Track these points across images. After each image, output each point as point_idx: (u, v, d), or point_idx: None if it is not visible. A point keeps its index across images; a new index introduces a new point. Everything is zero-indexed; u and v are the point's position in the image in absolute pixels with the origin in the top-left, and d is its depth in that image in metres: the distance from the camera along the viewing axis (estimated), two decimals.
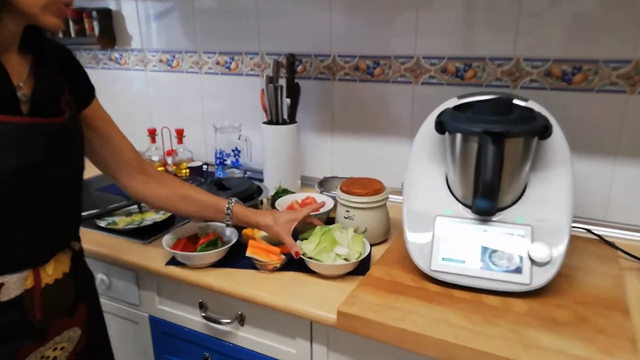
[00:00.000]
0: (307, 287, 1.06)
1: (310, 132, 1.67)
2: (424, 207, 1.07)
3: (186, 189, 1.13)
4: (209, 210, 1.13)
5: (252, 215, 1.13)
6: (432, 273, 1.01)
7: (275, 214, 1.13)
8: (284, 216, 1.13)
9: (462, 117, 1.01)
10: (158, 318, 1.28)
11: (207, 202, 1.13)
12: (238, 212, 1.12)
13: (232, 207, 1.12)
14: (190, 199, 1.12)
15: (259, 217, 1.12)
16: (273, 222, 1.11)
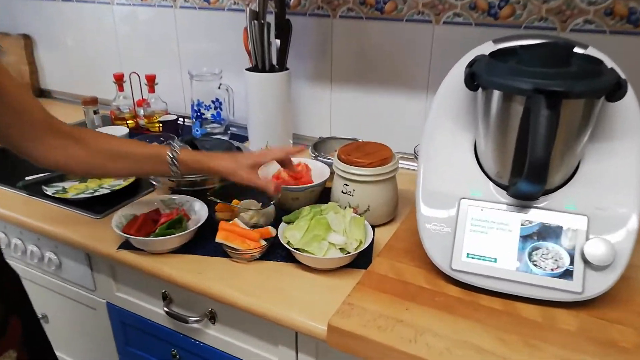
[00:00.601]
0: (292, 283, 0.84)
1: (304, 82, 1.39)
2: (444, 186, 0.83)
3: (116, 144, 0.88)
4: (148, 162, 0.89)
5: (205, 160, 0.90)
6: (452, 273, 0.78)
7: (236, 156, 0.93)
8: (246, 159, 0.92)
9: (502, 68, 0.75)
10: (117, 306, 1.07)
11: (144, 154, 0.88)
12: (187, 158, 0.89)
13: (178, 154, 0.88)
14: (122, 155, 0.87)
15: (216, 160, 0.90)
16: (235, 166, 0.90)
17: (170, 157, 0.87)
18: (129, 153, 0.87)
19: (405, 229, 0.95)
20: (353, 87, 1.32)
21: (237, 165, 0.90)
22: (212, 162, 0.90)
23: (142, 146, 0.89)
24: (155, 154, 0.88)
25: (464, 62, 0.86)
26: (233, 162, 0.90)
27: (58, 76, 1.93)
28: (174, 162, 0.87)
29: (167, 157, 0.87)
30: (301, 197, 1.05)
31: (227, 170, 0.89)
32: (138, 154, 0.88)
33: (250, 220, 0.97)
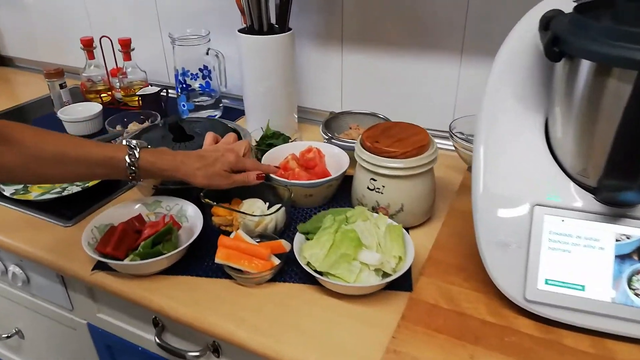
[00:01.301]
0: (315, 314, 0.66)
1: (310, 45, 1.16)
2: (512, 187, 0.63)
3: (53, 143, 0.69)
4: (101, 167, 0.72)
5: (173, 167, 0.74)
6: (527, 305, 0.60)
7: (207, 159, 0.77)
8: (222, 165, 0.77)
9: (598, 30, 0.54)
10: (99, 328, 0.89)
11: (95, 158, 0.70)
12: (149, 165, 0.73)
13: (138, 158, 0.72)
14: (68, 159, 0.69)
15: (185, 168, 0.75)
16: (209, 175, 0.75)
17: (128, 163, 0.71)
18: (77, 156, 0.69)
19: (449, 234, 0.77)
20: (369, 49, 1.10)
21: (210, 174, 0.75)
22: (179, 170, 0.74)
23: (94, 147, 0.71)
24: (109, 158, 0.71)
25: (531, 19, 0.65)
26: (204, 171, 0.75)
27: (19, 41, 1.67)
28: (133, 169, 0.71)
29: (125, 162, 0.71)
30: (315, 194, 0.86)
31: (196, 179, 0.75)
32: (88, 158, 0.70)
33: (256, 228, 0.78)
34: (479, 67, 1.00)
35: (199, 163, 0.75)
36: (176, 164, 0.74)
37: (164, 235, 0.75)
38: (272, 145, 1.00)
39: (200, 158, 0.76)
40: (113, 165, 0.71)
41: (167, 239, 0.76)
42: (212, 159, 0.76)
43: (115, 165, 0.71)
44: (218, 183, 0.76)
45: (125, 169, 0.71)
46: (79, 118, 1.17)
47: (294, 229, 0.82)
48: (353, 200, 0.85)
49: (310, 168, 0.91)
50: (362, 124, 1.07)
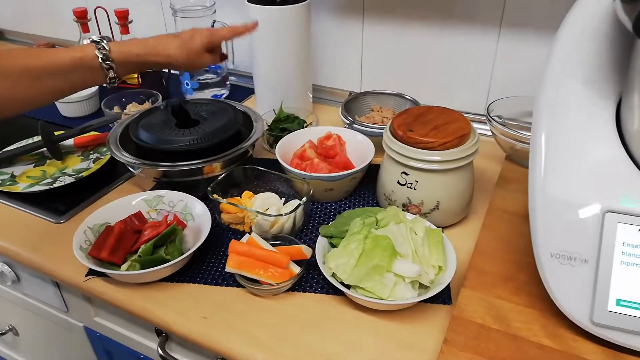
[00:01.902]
0: (341, 333, 0.57)
1: (328, 17, 1.04)
2: (577, 190, 0.53)
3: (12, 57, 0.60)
4: (75, 72, 0.64)
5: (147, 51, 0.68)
6: (594, 329, 0.51)
7: (181, 37, 0.71)
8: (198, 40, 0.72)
9: None
10: (97, 332, 0.81)
11: (61, 63, 0.62)
12: (122, 55, 0.66)
13: (109, 50, 0.65)
14: (30, 71, 0.60)
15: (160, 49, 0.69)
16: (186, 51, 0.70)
17: (101, 58, 0.64)
18: (43, 66, 0.61)
19: (491, 238, 0.67)
20: (393, 21, 0.98)
21: (189, 50, 0.70)
22: (157, 52, 0.69)
23: (59, 52, 0.63)
24: (78, 59, 0.63)
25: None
26: (183, 48, 0.70)
27: (9, 12, 1.55)
28: (107, 63, 0.64)
29: (97, 58, 0.64)
30: (337, 187, 0.76)
31: (177, 59, 0.70)
32: (56, 65, 0.62)
33: (271, 229, 0.69)
34: (521, 42, 0.88)
35: (176, 41, 0.70)
36: (151, 46, 0.68)
37: (167, 237, 0.66)
38: (286, 130, 0.90)
39: (175, 36, 0.71)
40: (86, 66, 0.63)
41: (170, 240, 0.67)
42: (188, 35, 0.71)
43: (88, 65, 0.63)
44: (199, 62, 0.72)
45: (100, 66, 0.64)
46: (73, 98, 1.06)
47: (312, 228, 0.73)
48: (379, 196, 0.76)
49: (330, 157, 0.81)
50: (386, 105, 0.96)
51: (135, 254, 0.66)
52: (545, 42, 0.86)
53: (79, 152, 0.93)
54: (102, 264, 0.64)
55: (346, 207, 0.78)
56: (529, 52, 0.88)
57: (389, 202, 0.72)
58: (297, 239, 0.70)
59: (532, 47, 0.87)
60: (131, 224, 0.69)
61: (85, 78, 0.65)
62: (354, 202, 0.79)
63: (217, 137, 0.78)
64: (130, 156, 0.76)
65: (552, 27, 0.84)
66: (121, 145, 0.79)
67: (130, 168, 0.79)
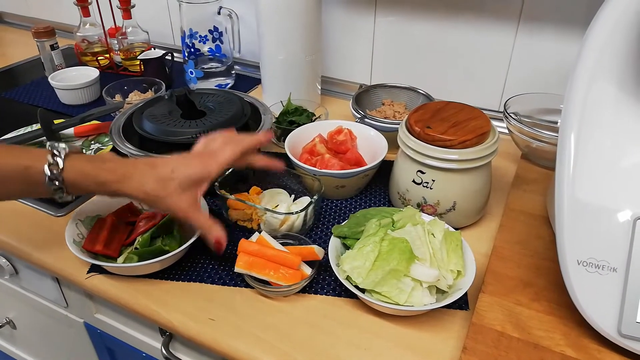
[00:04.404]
0: (353, 340, 0.55)
1: (338, 5, 1.01)
2: (606, 194, 0.51)
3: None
4: (11, 182, 0.51)
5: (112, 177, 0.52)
6: (622, 341, 0.49)
7: (168, 164, 0.55)
8: (184, 173, 0.54)
9: None
10: (98, 329, 0.79)
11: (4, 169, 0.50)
12: (77, 176, 0.52)
13: (61, 168, 0.51)
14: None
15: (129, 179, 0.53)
16: (163, 188, 0.53)
17: (48, 176, 0.50)
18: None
19: (509, 240, 0.65)
20: (406, 11, 0.94)
21: (167, 186, 0.53)
22: (124, 181, 0.53)
23: (5, 155, 0.51)
24: (23, 169, 0.51)
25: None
26: (160, 182, 0.53)
27: None
28: (56, 183, 0.51)
29: (43, 174, 0.50)
30: (348, 185, 0.73)
31: (145, 194, 0.53)
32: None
33: (280, 227, 0.66)
34: (541, 37, 0.85)
35: (150, 172, 0.53)
36: (117, 176, 0.53)
37: (164, 228, 0.64)
38: (295, 123, 0.87)
39: (153, 166, 0.54)
40: (30, 180, 0.51)
41: (167, 231, 0.64)
42: (168, 168, 0.54)
43: (32, 179, 0.51)
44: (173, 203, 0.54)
45: (46, 184, 0.50)
46: (73, 85, 1.03)
47: (323, 226, 0.71)
48: (392, 194, 0.73)
49: (340, 153, 0.78)
50: (397, 99, 0.93)
51: (131, 246, 0.64)
52: (565, 38, 0.83)
53: (80, 141, 0.90)
54: (96, 257, 0.62)
55: (357, 205, 0.75)
56: (548, 47, 0.85)
57: (402, 201, 0.70)
58: (306, 237, 0.68)
59: (551, 42, 0.84)
60: (123, 216, 0.67)
61: (25, 189, 0.53)
62: (366, 200, 0.76)
63: (225, 130, 0.75)
64: (134, 148, 0.73)
65: (574, 23, 0.81)
66: (124, 136, 0.76)
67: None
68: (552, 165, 0.55)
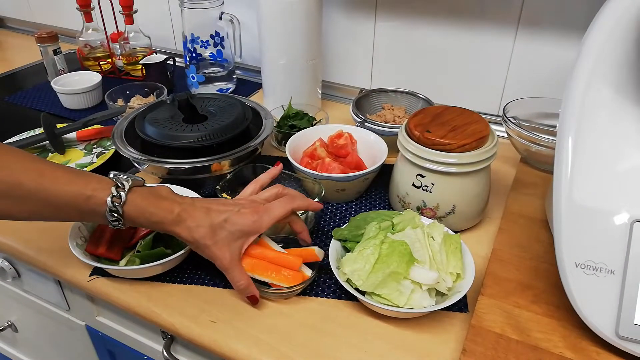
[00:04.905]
0: (353, 343, 0.55)
1: (339, 10, 1.02)
2: (604, 198, 0.51)
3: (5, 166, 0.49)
4: (69, 209, 0.51)
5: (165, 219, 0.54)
6: (619, 343, 0.49)
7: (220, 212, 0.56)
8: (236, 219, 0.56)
9: None
10: (99, 332, 0.79)
11: (60, 195, 0.50)
12: (137, 214, 0.53)
13: (123, 202, 0.52)
14: (19, 190, 0.49)
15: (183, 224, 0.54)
16: (209, 235, 0.54)
17: (110, 208, 0.51)
18: (37, 190, 0.49)
19: (508, 243, 0.65)
20: (406, 16, 0.95)
21: (216, 235, 0.55)
22: (178, 224, 0.54)
23: (64, 181, 0.51)
24: (85, 199, 0.51)
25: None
26: (211, 230, 0.55)
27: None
28: (115, 214, 0.52)
29: (106, 207, 0.51)
30: (349, 188, 0.74)
31: (196, 242, 0.55)
32: (53, 195, 0.50)
33: (281, 230, 0.67)
34: (539, 42, 0.86)
35: (205, 221, 0.55)
36: (173, 217, 0.54)
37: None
38: (295, 127, 0.87)
39: (208, 212, 0.55)
40: (88, 208, 0.51)
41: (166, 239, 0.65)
42: (223, 218, 0.55)
43: (91, 208, 0.51)
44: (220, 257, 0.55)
45: (105, 215, 0.52)
46: (76, 89, 1.04)
47: (323, 229, 0.71)
48: (392, 197, 0.74)
49: (341, 157, 0.79)
50: (397, 103, 0.94)
51: (133, 249, 0.64)
52: (564, 42, 0.84)
53: (82, 145, 0.91)
54: (99, 260, 0.62)
55: (357, 208, 0.76)
56: (547, 52, 0.86)
57: (402, 205, 0.70)
58: None
59: (549, 47, 0.85)
60: None
61: (82, 217, 0.55)
62: (366, 203, 0.77)
63: (226, 134, 0.75)
64: (137, 152, 0.74)
65: (573, 27, 0.82)
66: (126, 140, 0.77)
67: (136, 164, 0.77)
68: (551, 169, 0.56)
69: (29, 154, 0.53)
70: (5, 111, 1.07)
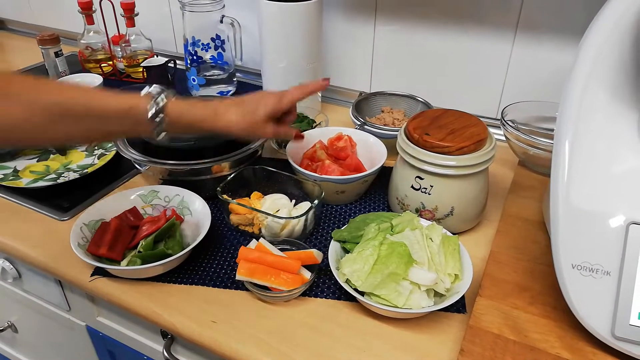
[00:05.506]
0: (353, 343, 0.56)
1: (339, 14, 1.03)
2: (600, 200, 0.52)
3: (58, 92, 0.54)
4: (118, 121, 0.57)
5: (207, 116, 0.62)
6: (615, 343, 0.50)
7: (245, 104, 0.65)
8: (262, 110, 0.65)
9: None
10: (99, 332, 0.80)
11: (108, 109, 0.55)
12: (178, 115, 0.59)
13: (165, 104, 0.57)
14: (72, 110, 0.54)
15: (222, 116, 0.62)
16: (249, 122, 0.64)
17: (151, 114, 0.56)
18: (87, 108, 0.54)
19: (506, 245, 0.66)
20: (406, 21, 0.96)
21: (252, 120, 0.64)
22: (216, 119, 0.62)
23: (109, 97, 0.56)
24: (127, 109, 0.56)
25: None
26: (246, 117, 0.64)
27: (11, 1, 1.52)
28: (157, 120, 0.57)
29: (147, 113, 0.56)
30: (348, 190, 0.74)
31: (237, 129, 0.64)
32: (102, 109, 0.55)
33: (281, 232, 0.67)
34: (537, 46, 0.87)
35: (239, 108, 0.64)
36: (209, 114, 0.62)
37: (166, 232, 0.65)
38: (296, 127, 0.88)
39: (238, 104, 0.65)
40: (133, 118, 0.56)
41: (169, 234, 0.65)
42: (254, 103, 0.65)
43: (135, 117, 0.56)
44: (260, 133, 0.66)
45: (149, 122, 0.57)
46: None
47: (323, 231, 0.72)
48: (391, 199, 0.74)
49: (340, 159, 0.79)
50: (397, 106, 0.95)
51: (134, 249, 0.65)
52: (561, 46, 0.85)
53: (83, 147, 0.92)
54: (100, 260, 0.63)
55: (357, 210, 0.76)
56: (545, 56, 0.87)
57: (401, 207, 0.71)
58: (307, 242, 0.69)
59: (548, 51, 0.86)
60: (126, 220, 0.68)
61: (128, 129, 0.59)
62: (365, 205, 0.77)
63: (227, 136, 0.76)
64: (138, 153, 0.74)
65: (570, 32, 0.83)
66: (128, 142, 0.77)
67: (137, 165, 0.77)
68: (548, 172, 0.56)
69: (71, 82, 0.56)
70: None
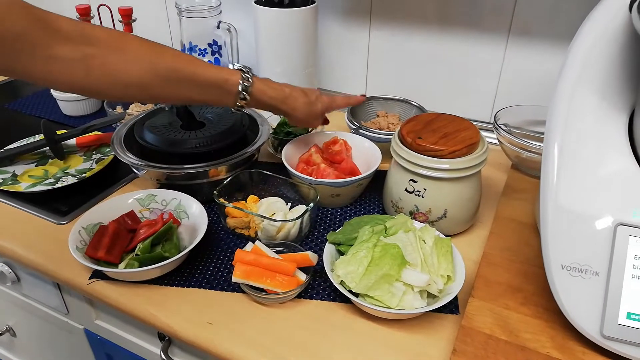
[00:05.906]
0: (347, 343, 0.57)
1: (334, 20, 1.04)
2: (589, 202, 0.53)
3: (166, 58, 0.61)
4: (211, 90, 0.66)
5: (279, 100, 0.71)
6: (603, 342, 0.51)
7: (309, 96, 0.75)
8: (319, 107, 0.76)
9: None
10: (97, 335, 0.80)
11: (207, 78, 0.64)
12: (261, 93, 0.69)
13: (252, 84, 0.67)
14: (178, 75, 0.62)
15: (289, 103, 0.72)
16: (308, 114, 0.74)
17: (241, 88, 0.66)
18: (191, 75, 0.62)
19: (498, 247, 0.67)
20: (400, 26, 0.98)
21: (311, 110, 0.74)
22: (287, 102, 0.72)
23: (208, 67, 0.65)
24: (223, 81, 0.65)
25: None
26: (307, 107, 0.74)
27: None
28: (244, 94, 0.67)
29: (237, 87, 0.66)
30: (343, 193, 0.75)
31: (298, 115, 0.73)
32: (203, 78, 0.63)
33: (277, 234, 0.68)
34: (529, 51, 0.88)
35: (304, 99, 0.73)
36: (285, 95, 0.71)
37: (164, 235, 0.66)
38: (291, 134, 0.89)
39: (305, 94, 0.74)
40: (225, 89, 0.65)
41: (167, 238, 0.66)
42: (315, 97, 0.75)
43: (227, 89, 0.65)
44: (313, 123, 0.78)
45: (236, 94, 0.66)
46: (75, 97, 1.05)
47: (318, 233, 0.73)
48: (386, 202, 0.75)
49: (336, 163, 0.80)
50: (391, 111, 0.96)
51: (132, 253, 0.66)
52: (553, 51, 0.86)
53: (82, 152, 0.92)
54: (98, 263, 0.64)
55: (352, 213, 0.77)
56: (537, 60, 0.88)
57: (395, 209, 0.72)
58: (302, 244, 0.70)
59: (540, 55, 0.87)
60: (124, 224, 0.69)
61: (217, 98, 0.67)
62: (360, 208, 0.78)
63: (224, 140, 0.77)
64: (135, 158, 0.75)
65: (562, 36, 0.85)
66: (125, 146, 0.78)
67: (135, 169, 0.78)
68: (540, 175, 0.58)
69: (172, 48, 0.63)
70: (6, 118, 1.09)
